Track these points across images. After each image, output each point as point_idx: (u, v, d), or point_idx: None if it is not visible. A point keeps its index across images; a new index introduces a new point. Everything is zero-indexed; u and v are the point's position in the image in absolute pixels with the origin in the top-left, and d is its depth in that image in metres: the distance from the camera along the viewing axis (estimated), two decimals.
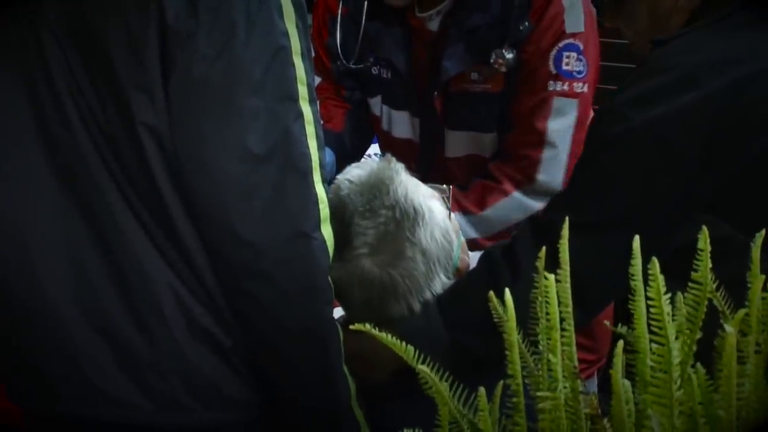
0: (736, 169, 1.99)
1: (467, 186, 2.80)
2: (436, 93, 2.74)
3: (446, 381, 1.52)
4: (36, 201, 1.98)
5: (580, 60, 2.65)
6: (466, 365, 1.93)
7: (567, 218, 1.59)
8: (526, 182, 2.74)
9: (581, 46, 2.66)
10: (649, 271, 1.39)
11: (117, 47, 1.88)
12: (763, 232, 1.51)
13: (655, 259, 1.39)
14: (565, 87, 2.65)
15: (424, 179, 2.31)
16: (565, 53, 2.65)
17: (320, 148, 1.94)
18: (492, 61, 2.66)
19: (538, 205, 2.66)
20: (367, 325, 1.58)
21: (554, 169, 2.69)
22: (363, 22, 2.75)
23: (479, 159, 2.80)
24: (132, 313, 1.94)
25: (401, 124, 2.85)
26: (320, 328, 1.96)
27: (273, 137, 1.88)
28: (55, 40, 1.93)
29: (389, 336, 1.55)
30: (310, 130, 1.92)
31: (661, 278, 1.37)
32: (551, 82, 2.66)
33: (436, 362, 1.55)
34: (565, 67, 2.65)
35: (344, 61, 2.83)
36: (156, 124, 1.88)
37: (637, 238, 1.50)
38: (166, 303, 1.93)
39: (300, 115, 1.91)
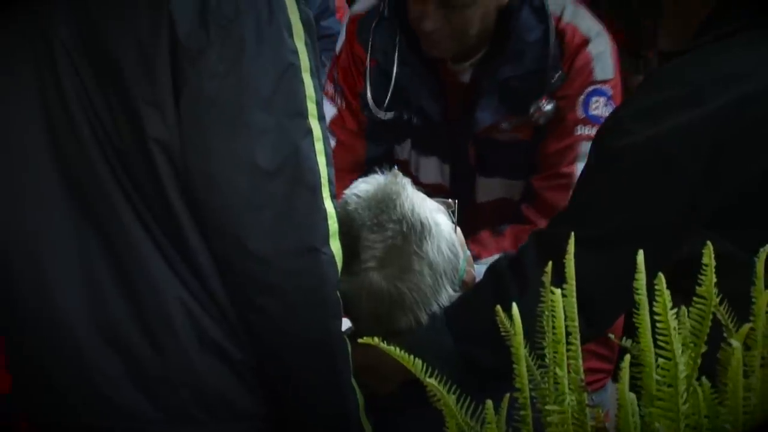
0: (738, 186, 1.98)
1: (501, 231, 2.80)
2: (471, 141, 2.74)
3: (454, 393, 1.51)
4: (48, 215, 1.97)
5: (609, 105, 2.65)
6: (474, 377, 1.94)
7: (572, 233, 1.60)
8: None
9: (610, 92, 2.67)
10: (656, 287, 1.39)
11: (129, 64, 1.88)
12: (767, 248, 1.51)
13: (661, 275, 1.39)
14: (593, 131, 2.61)
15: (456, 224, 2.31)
16: (594, 98, 2.65)
17: (329, 165, 1.95)
18: (532, 112, 2.67)
19: None
20: (376, 339, 1.58)
21: None
22: (395, 71, 2.75)
23: (509, 203, 2.81)
24: (143, 327, 1.94)
25: (430, 169, 2.84)
26: (329, 340, 1.96)
27: (282, 153, 1.88)
28: (67, 55, 1.93)
29: (397, 349, 1.55)
30: (318, 146, 1.92)
31: (667, 293, 1.36)
32: (579, 126, 2.67)
33: (444, 374, 1.55)
34: (593, 112, 2.66)
35: (376, 111, 2.82)
36: (167, 140, 1.88)
37: (641, 253, 1.49)
38: (176, 316, 1.93)
39: (309, 131, 1.91)
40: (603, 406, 2.85)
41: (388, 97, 2.77)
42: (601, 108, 2.68)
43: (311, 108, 1.92)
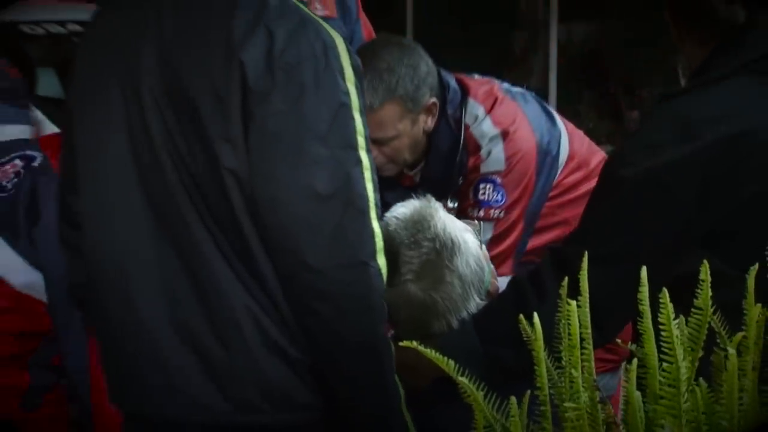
0: (726, 212, 1.95)
1: None
2: None
3: (481, 390, 1.50)
4: (134, 234, 1.98)
5: (497, 190, 2.70)
6: (498, 375, 1.92)
7: (584, 252, 1.58)
8: None
9: (499, 180, 2.71)
10: (660, 300, 1.38)
11: (205, 104, 1.88)
12: (757, 266, 1.49)
13: (665, 290, 1.37)
14: (482, 213, 2.71)
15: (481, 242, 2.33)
16: (482, 184, 2.71)
17: (375, 191, 1.93)
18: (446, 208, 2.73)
19: None
20: (414, 342, 1.57)
21: None
22: None
23: None
24: (215, 330, 1.93)
25: None
26: (375, 342, 1.94)
27: (336, 180, 1.87)
28: (152, 98, 1.94)
29: (432, 351, 1.54)
30: (367, 175, 1.91)
31: (670, 306, 1.35)
32: (470, 208, 2.72)
33: (472, 372, 1.53)
34: (480, 196, 2.72)
35: None
36: (237, 169, 1.88)
37: (644, 269, 1.48)
38: (243, 321, 1.92)
39: (359, 161, 1.90)
40: (612, 388, 2.84)
41: None
42: (488, 193, 2.73)
43: (360, 141, 1.91)
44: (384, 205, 2.73)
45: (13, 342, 2.65)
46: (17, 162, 2.78)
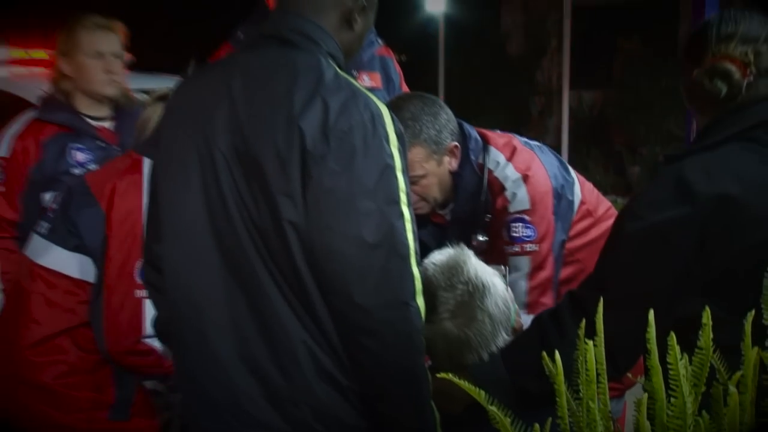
0: (722, 263, 1.92)
1: None
2: None
3: (508, 417, 1.50)
4: (208, 278, 1.98)
5: (527, 228, 2.68)
6: (523, 402, 1.90)
7: (599, 297, 1.57)
8: None
9: (526, 218, 2.69)
10: (668, 342, 1.38)
11: (269, 165, 1.88)
12: (753, 312, 1.48)
13: (672, 333, 1.36)
14: (517, 248, 2.68)
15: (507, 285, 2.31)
16: (513, 224, 2.69)
17: (415, 240, 1.92)
18: (473, 243, 2.71)
19: None
20: (449, 374, 1.60)
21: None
22: None
23: None
24: (276, 361, 1.93)
25: None
26: (415, 372, 1.92)
27: (382, 231, 1.86)
28: (224, 159, 1.95)
29: (465, 382, 1.55)
30: (408, 226, 1.90)
31: (677, 348, 1.35)
32: (507, 246, 2.69)
33: (501, 400, 1.53)
34: (514, 234, 2.69)
35: None
36: (297, 220, 1.87)
37: (651, 312, 1.47)
38: (301, 354, 1.91)
39: (402, 214, 1.89)
40: (618, 412, 2.80)
41: None
42: (521, 229, 2.70)
43: (403, 197, 1.91)
44: (425, 237, 2.74)
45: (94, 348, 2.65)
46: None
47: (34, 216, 3.45)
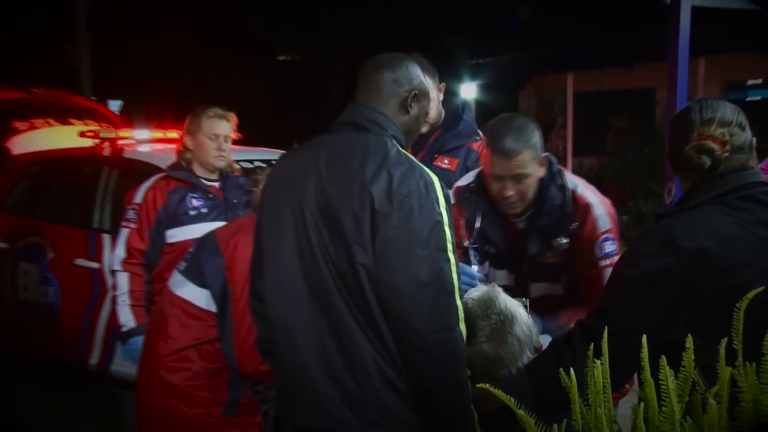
0: (701, 302, 1.90)
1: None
2: (524, 263, 2.69)
3: (532, 418, 1.51)
4: (298, 307, 2.00)
5: (613, 243, 2.59)
6: (543, 407, 1.87)
7: (605, 326, 1.57)
8: None
9: (611, 236, 2.60)
10: (660, 363, 1.36)
11: (347, 222, 1.91)
12: (726, 339, 1.46)
13: (663, 357, 1.35)
14: (608, 262, 2.55)
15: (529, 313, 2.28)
16: (604, 243, 2.58)
17: (459, 279, 1.93)
18: (554, 244, 2.60)
19: None
20: (486, 384, 1.63)
21: None
22: (478, 224, 2.71)
23: (551, 297, 2.68)
24: (351, 371, 1.93)
25: (501, 277, 2.75)
26: (458, 381, 1.92)
27: (433, 272, 1.87)
28: (312, 216, 1.98)
29: (498, 390, 1.57)
30: (453, 269, 1.91)
31: (670, 372, 1.33)
32: (600, 260, 2.57)
33: (525, 405, 1.54)
34: (605, 251, 2.58)
35: (469, 244, 2.77)
36: (367, 264, 1.89)
37: (644, 337, 1.48)
38: (370, 366, 1.92)
39: (448, 260, 1.90)
40: (614, 415, 2.74)
41: (473, 236, 2.72)
42: (609, 246, 2.59)
43: (449, 246, 1.92)
44: (490, 243, 2.68)
45: (211, 357, 2.70)
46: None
47: (158, 247, 3.59)
